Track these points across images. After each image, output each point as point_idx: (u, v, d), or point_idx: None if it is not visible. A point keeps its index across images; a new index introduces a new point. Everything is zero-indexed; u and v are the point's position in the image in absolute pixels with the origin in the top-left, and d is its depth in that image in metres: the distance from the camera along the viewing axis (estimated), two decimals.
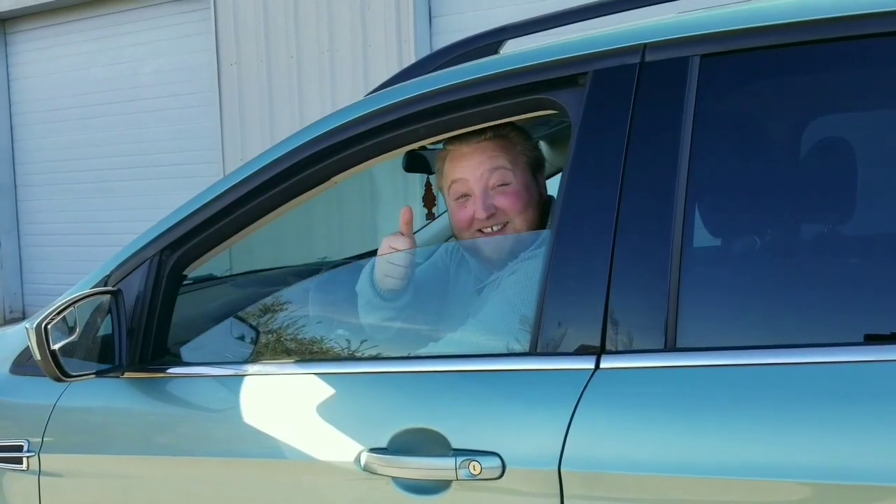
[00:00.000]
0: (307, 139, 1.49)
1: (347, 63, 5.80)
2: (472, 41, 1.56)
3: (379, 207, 5.30)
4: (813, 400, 1.05)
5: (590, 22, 1.49)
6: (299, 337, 1.60)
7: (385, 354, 1.46)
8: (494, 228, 1.62)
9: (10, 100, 7.74)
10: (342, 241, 5.72)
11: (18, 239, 7.84)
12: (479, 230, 1.62)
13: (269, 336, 1.67)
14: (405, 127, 1.45)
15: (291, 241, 5.64)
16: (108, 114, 7.12)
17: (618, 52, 1.26)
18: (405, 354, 1.44)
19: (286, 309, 2.17)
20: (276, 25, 6.13)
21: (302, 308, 1.84)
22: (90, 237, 7.24)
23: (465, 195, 1.63)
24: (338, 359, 1.51)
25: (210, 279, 2.33)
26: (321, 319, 1.67)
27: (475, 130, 1.58)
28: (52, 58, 7.44)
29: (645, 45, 1.25)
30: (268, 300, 2.16)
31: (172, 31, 6.76)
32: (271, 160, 1.53)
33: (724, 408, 1.09)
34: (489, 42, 1.54)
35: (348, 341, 1.54)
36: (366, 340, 1.54)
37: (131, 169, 7.00)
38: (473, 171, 1.61)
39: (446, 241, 2.01)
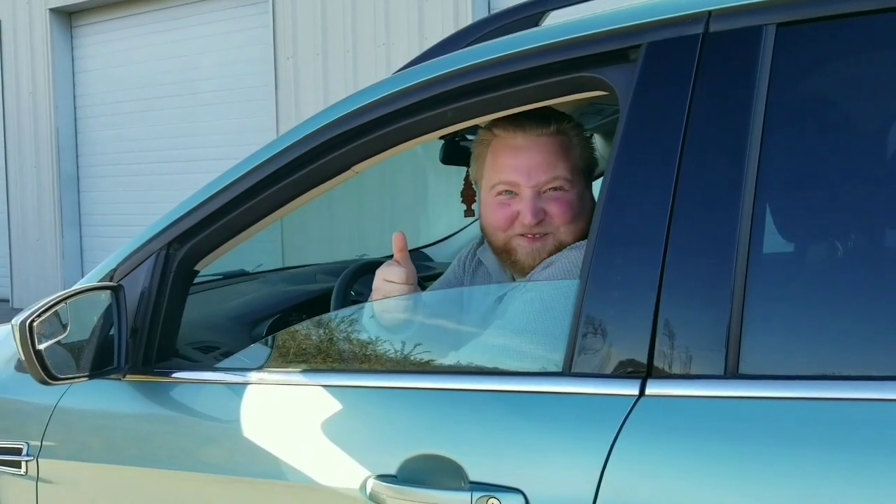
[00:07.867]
0: (322, 124, 1.34)
1: (404, 57, 5.67)
2: (510, 13, 1.38)
3: (428, 200, 5.14)
4: None
5: None
6: (315, 343, 1.45)
7: (399, 367, 1.29)
8: (536, 236, 1.44)
9: (74, 92, 7.86)
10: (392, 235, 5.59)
11: (80, 229, 7.95)
12: (520, 234, 1.44)
13: (284, 341, 1.52)
14: (431, 109, 1.27)
15: (343, 232, 5.54)
16: (167, 107, 7.16)
17: (676, 22, 1.07)
18: (421, 368, 1.27)
19: (307, 311, 2.03)
20: (334, 19, 6.08)
21: (322, 311, 1.70)
22: None
23: (510, 193, 1.44)
24: (351, 370, 1.35)
25: (237, 275, 2.21)
26: (339, 326, 1.51)
27: (532, 119, 1.39)
28: (113, 51, 7.53)
29: (710, 12, 1.06)
30: (288, 301, 2.03)
31: (230, 24, 6.76)
32: (284, 147, 1.38)
33: (797, 451, 0.89)
34: (529, 14, 1.36)
35: (364, 351, 1.38)
36: (381, 350, 1.37)
37: (188, 162, 7.02)
38: (529, 173, 1.41)
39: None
